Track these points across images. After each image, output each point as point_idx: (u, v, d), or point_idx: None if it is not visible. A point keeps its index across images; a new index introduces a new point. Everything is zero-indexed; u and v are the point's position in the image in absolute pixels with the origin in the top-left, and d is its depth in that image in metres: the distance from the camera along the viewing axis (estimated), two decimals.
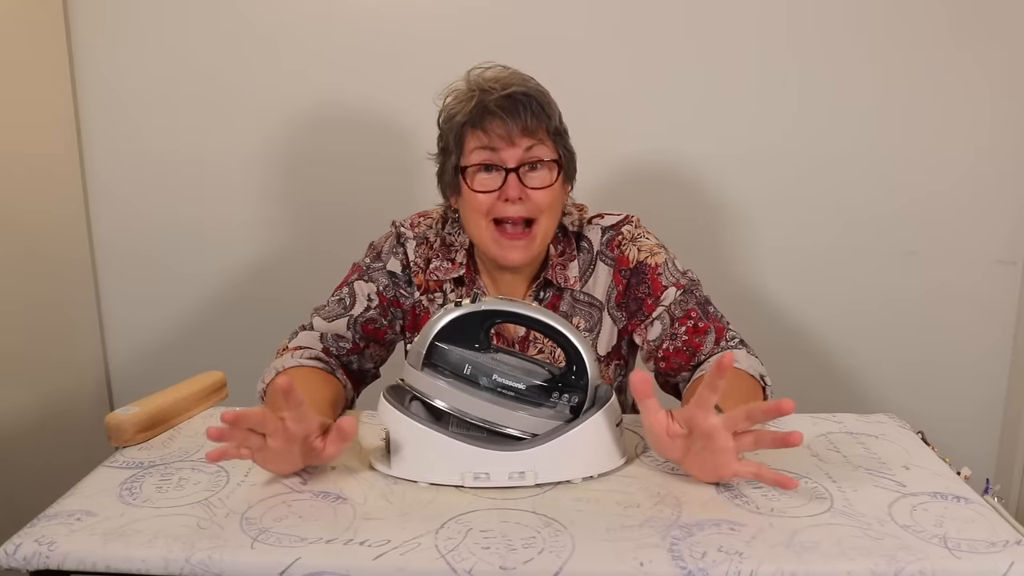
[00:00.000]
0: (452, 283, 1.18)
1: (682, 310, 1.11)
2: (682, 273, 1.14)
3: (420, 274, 1.17)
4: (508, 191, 1.06)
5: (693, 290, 1.13)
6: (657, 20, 1.67)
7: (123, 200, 1.78)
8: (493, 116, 1.04)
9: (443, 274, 1.16)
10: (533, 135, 1.06)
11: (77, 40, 1.70)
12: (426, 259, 1.18)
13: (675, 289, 1.12)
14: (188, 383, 1.07)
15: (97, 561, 0.71)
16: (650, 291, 1.13)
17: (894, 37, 1.67)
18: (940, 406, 1.79)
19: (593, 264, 1.17)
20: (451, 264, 1.17)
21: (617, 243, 1.16)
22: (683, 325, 1.10)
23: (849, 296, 1.79)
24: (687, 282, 1.13)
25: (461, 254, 1.17)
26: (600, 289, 1.17)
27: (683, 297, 1.12)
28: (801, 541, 0.72)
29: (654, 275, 1.13)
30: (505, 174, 1.06)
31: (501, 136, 1.05)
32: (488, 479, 0.83)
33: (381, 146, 1.73)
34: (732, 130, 1.72)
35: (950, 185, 1.73)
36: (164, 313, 1.83)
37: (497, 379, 0.87)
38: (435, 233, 1.19)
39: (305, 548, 0.72)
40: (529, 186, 1.07)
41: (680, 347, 1.10)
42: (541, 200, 1.07)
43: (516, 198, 1.06)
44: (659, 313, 1.12)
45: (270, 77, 1.71)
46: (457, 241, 1.18)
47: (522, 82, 1.08)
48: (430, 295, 1.18)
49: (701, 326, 1.10)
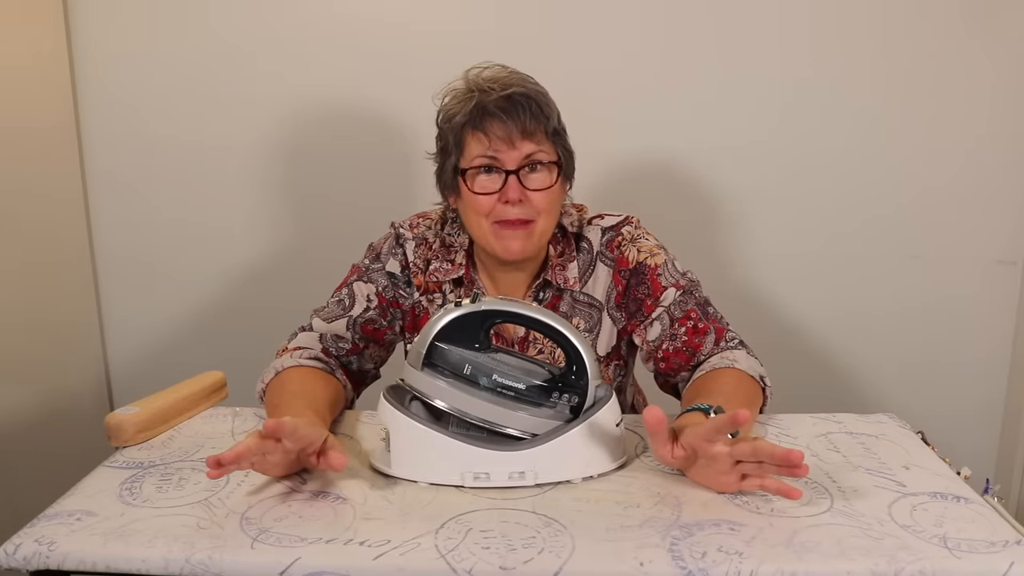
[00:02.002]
0: (451, 284, 1.18)
1: (682, 311, 1.11)
2: (682, 274, 1.14)
3: (420, 275, 1.18)
4: (508, 193, 1.06)
5: (693, 291, 1.13)
6: (658, 21, 1.67)
7: (123, 200, 1.78)
8: (492, 117, 1.05)
9: (443, 275, 1.17)
10: (532, 137, 1.06)
11: (77, 40, 1.70)
12: (425, 260, 1.18)
13: (675, 290, 1.12)
14: (188, 383, 1.07)
15: (97, 561, 0.71)
16: (649, 292, 1.13)
17: (896, 38, 1.67)
18: (940, 406, 1.79)
19: (593, 265, 1.17)
20: (451, 265, 1.17)
21: (617, 244, 1.16)
22: (683, 326, 1.10)
23: (849, 296, 1.79)
24: (687, 283, 1.13)
25: (460, 255, 1.17)
26: (600, 290, 1.17)
27: (682, 298, 1.12)
28: (801, 541, 0.72)
29: (654, 276, 1.13)
30: (505, 176, 1.06)
31: (501, 138, 1.05)
32: (488, 479, 0.83)
33: (381, 146, 1.73)
34: (732, 129, 1.72)
35: (950, 185, 1.73)
36: (164, 313, 1.83)
37: (497, 379, 0.87)
38: (434, 234, 1.19)
39: (305, 548, 0.72)
40: (529, 188, 1.07)
41: (680, 347, 1.10)
42: (540, 201, 1.08)
43: (516, 200, 1.06)
44: (658, 314, 1.12)
45: (271, 78, 1.71)
46: (456, 242, 1.18)
47: (521, 82, 1.08)
48: (429, 296, 1.18)
49: (701, 327, 1.10)
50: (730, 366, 1.04)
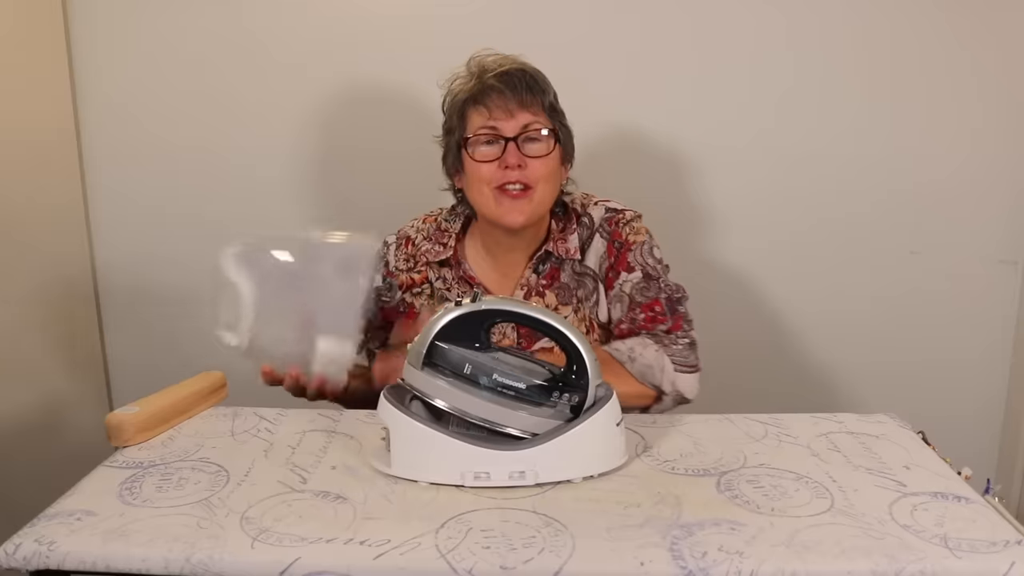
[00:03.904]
0: (437, 266, 1.23)
1: (644, 297, 1.17)
2: (657, 260, 1.19)
3: (401, 275, 1.25)
4: (508, 159, 1.12)
5: (659, 280, 1.18)
6: (658, 21, 1.67)
7: (123, 199, 1.78)
8: (492, 90, 1.12)
9: (432, 256, 1.23)
10: (529, 107, 1.13)
11: (77, 44, 1.70)
12: (408, 256, 1.25)
13: (639, 273, 1.18)
14: (188, 383, 1.07)
15: (97, 561, 0.71)
16: (616, 262, 1.19)
17: (897, 36, 1.66)
18: (940, 406, 1.78)
19: (591, 238, 1.22)
20: (441, 247, 1.23)
21: (616, 221, 1.21)
22: (643, 312, 1.17)
23: (849, 296, 1.79)
24: (654, 271, 1.18)
25: (452, 239, 1.24)
26: (594, 260, 1.21)
27: (645, 284, 1.17)
28: (801, 541, 0.72)
29: (626, 251, 1.19)
30: (504, 143, 1.12)
31: (500, 107, 1.12)
32: (488, 479, 0.83)
33: (382, 146, 1.73)
34: (732, 129, 1.71)
35: (950, 184, 1.73)
36: (164, 313, 1.83)
37: (497, 378, 0.87)
38: (416, 229, 1.27)
39: (305, 548, 0.72)
40: (528, 155, 1.13)
41: (635, 329, 1.17)
42: (539, 168, 1.13)
43: (515, 165, 1.12)
44: (617, 293, 1.18)
45: (271, 81, 1.71)
46: (451, 228, 1.25)
47: (519, 63, 1.16)
48: (415, 289, 1.24)
49: (660, 318, 1.17)
50: (625, 359, 1.12)
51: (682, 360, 1.13)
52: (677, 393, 1.13)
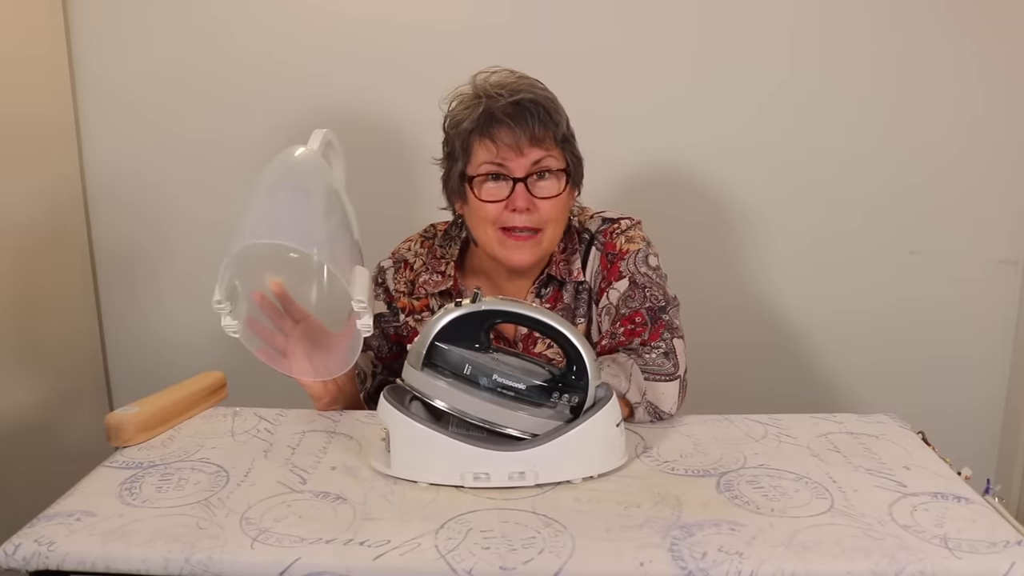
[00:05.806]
0: (438, 297, 1.17)
1: (628, 308, 1.09)
2: (651, 268, 1.12)
3: (403, 298, 1.19)
4: (516, 201, 1.05)
5: (645, 288, 1.09)
6: (659, 21, 1.67)
7: (123, 198, 1.78)
8: (500, 124, 1.03)
9: (432, 287, 1.17)
10: (541, 144, 1.05)
11: (76, 36, 1.70)
12: (408, 281, 1.19)
13: (626, 282, 1.10)
14: (188, 383, 1.07)
15: (97, 561, 0.71)
16: (609, 273, 1.13)
17: (898, 34, 1.66)
18: (940, 406, 1.78)
19: (588, 252, 1.16)
20: (440, 277, 1.17)
21: (610, 232, 1.16)
22: (623, 326, 1.08)
23: (849, 296, 1.79)
24: (643, 279, 1.10)
25: (450, 267, 1.17)
26: (591, 274, 1.16)
27: (631, 292, 1.09)
28: (801, 541, 0.72)
29: (619, 260, 1.12)
30: (513, 184, 1.05)
31: (509, 145, 1.04)
32: (488, 479, 0.83)
33: (382, 146, 1.73)
34: (733, 130, 1.71)
35: (951, 185, 1.73)
36: (164, 313, 1.83)
37: (497, 379, 0.87)
38: (414, 254, 1.20)
39: (305, 548, 0.72)
40: (537, 196, 1.06)
41: (614, 345, 1.08)
42: (548, 210, 1.07)
43: (524, 208, 1.05)
44: (605, 304, 1.12)
45: (271, 74, 1.71)
46: (447, 254, 1.18)
47: (529, 88, 1.07)
48: (416, 315, 1.19)
49: (639, 330, 1.07)
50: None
51: (655, 368, 1.02)
52: (648, 404, 1.00)
